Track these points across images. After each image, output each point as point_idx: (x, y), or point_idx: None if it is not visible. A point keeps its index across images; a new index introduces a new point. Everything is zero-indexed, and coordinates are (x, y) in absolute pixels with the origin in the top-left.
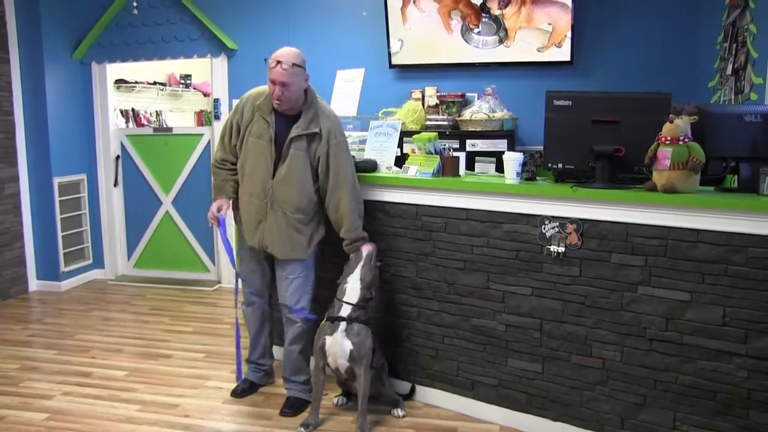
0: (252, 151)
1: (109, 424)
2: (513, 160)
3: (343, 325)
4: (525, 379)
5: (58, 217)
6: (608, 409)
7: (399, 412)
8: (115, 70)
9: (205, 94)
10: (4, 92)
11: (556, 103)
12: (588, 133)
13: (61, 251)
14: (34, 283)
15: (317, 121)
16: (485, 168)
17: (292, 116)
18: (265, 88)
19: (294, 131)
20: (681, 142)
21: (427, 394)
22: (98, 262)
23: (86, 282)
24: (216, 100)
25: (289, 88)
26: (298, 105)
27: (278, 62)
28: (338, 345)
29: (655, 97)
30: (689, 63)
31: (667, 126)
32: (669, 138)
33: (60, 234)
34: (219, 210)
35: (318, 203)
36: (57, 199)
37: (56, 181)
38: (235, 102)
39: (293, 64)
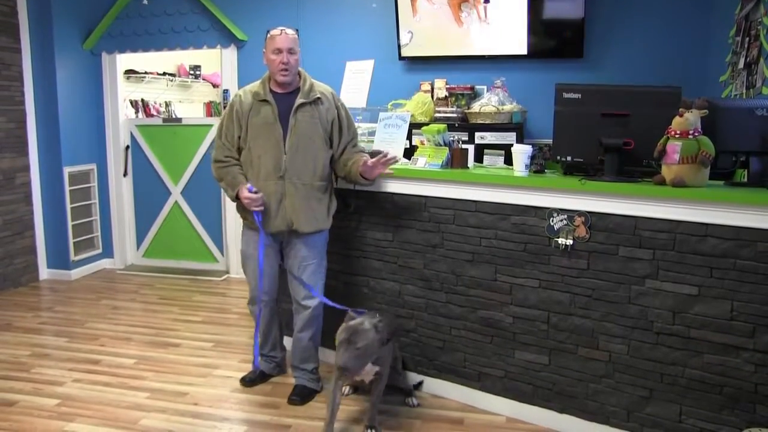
0: (260, 134)
1: (118, 411)
2: (522, 152)
3: None
4: (532, 371)
5: (69, 206)
6: (614, 402)
7: (413, 401)
8: (125, 60)
9: (215, 85)
10: (16, 82)
11: (566, 95)
12: (597, 126)
13: (71, 240)
14: (44, 272)
15: (315, 89)
16: (494, 160)
17: (290, 94)
18: (253, 83)
19: (298, 100)
20: (691, 136)
21: (434, 385)
22: (108, 252)
23: (96, 271)
24: (225, 91)
25: (295, 54)
26: (296, 80)
27: (282, 30)
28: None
29: (665, 90)
30: (700, 57)
31: (676, 119)
32: (678, 132)
33: (70, 223)
34: (247, 197)
35: (330, 170)
36: (67, 188)
37: (66, 170)
38: (231, 99)
39: (294, 31)
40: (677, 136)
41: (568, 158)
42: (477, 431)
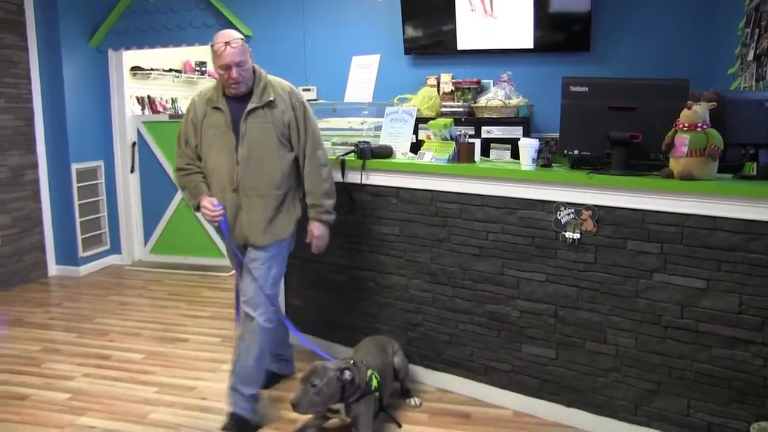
0: (213, 143)
1: (128, 405)
2: (529, 146)
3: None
4: (539, 364)
5: (76, 203)
6: (622, 395)
7: (415, 401)
8: (131, 57)
9: None
10: (23, 80)
11: (573, 89)
12: (604, 120)
13: (79, 237)
14: (53, 268)
15: (269, 90)
16: (500, 155)
17: (244, 98)
18: (209, 86)
19: (249, 105)
20: (699, 129)
21: (440, 379)
22: (115, 248)
23: (104, 267)
24: None
25: (244, 66)
26: (250, 84)
27: (226, 44)
28: (341, 418)
29: (672, 83)
30: (708, 49)
31: (685, 112)
32: (687, 124)
33: (78, 220)
34: (207, 209)
35: (294, 177)
36: (75, 185)
37: (74, 167)
38: (188, 106)
39: (241, 40)
40: (685, 128)
41: (575, 152)
42: (484, 425)
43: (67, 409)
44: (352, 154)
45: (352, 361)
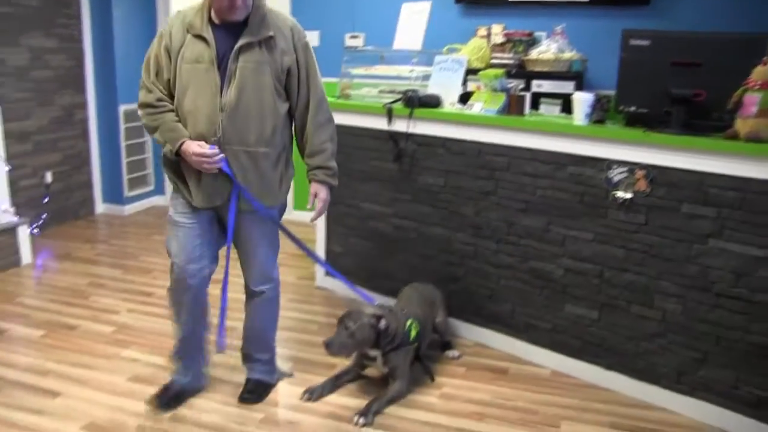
0: (191, 81)
1: (169, 341)
2: (583, 100)
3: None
4: (580, 325)
5: (123, 143)
6: (665, 362)
7: (454, 353)
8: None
9: None
10: (74, 20)
11: (633, 42)
12: (665, 76)
13: (125, 176)
14: (100, 206)
15: (267, 23)
16: (550, 109)
17: (236, 28)
18: (190, 7)
19: (242, 39)
20: None
21: (479, 334)
22: (159, 189)
23: (148, 207)
24: None
25: None
26: (248, 12)
27: None
28: (377, 367)
29: (746, 37)
30: None
31: (758, 69)
32: (760, 83)
33: (124, 160)
34: (202, 154)
35: (287, 134)
36: (122, 126)
37: (122, 108)
38: (159, 30)
39: None
40: (757, 87)
41: (632, 108)
42: (521, 382)
43: (113, 341)
44: (399, 102)
45: (390, 309)
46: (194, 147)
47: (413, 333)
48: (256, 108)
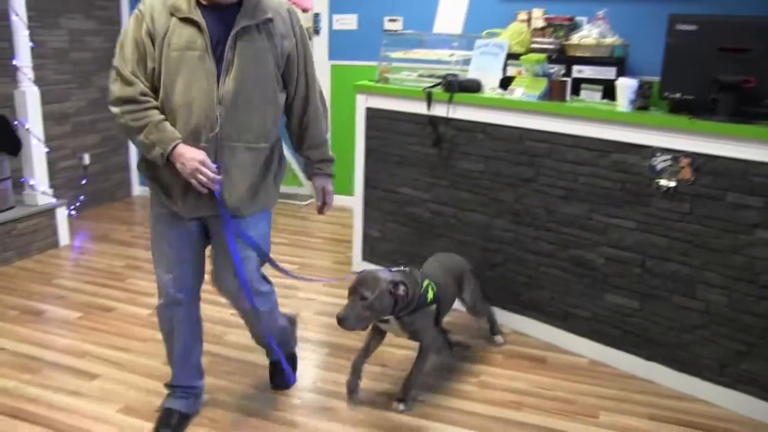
0: (180, 71)
1: (205, 326)
2: (627, 86)
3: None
4: (621, 314)
5: None
6: (707, 354)
7: (499, 339)
8: None
9: (304, 10)
10: (113, 2)
11: (680, 27)
12: (713, 62)
13: None
14: (136, 189)
15: (264, 5)
16: (591, 95)
17: (227, 10)
18: None
19: (240, 22)
20: None
21: (517, 322)
22: None
23: None
24: (316, 15)
25: None
26: None
27: None
28: (394, 331)
29: None
30: None
31: None
32: None
33: None
34: (203, 164)
35: (279, 125)
36: None
37: None
38: (135, 12)
39: None
40: None
41: (678, 95)
42: (559, 371)
43: (149, 324)
44: (439, 86)
45: (405, 272)
46: (193, 152)
47: (430, 294)
48: (257, 99)
